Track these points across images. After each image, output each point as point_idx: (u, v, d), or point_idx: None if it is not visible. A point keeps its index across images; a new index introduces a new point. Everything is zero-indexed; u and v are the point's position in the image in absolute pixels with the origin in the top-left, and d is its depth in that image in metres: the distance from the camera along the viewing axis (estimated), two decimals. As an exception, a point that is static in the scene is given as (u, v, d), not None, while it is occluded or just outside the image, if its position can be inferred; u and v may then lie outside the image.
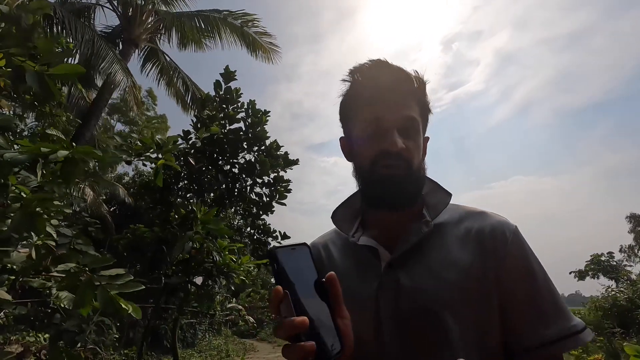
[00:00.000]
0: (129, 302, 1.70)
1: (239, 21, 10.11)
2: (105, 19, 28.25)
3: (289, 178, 5.77)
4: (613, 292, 11.60)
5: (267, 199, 5.45)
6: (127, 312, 1.66)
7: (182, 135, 5.13)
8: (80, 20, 8.14)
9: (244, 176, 5.28)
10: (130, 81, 7.57)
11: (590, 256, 24.91)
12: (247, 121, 5.65)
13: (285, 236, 5.52)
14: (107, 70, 6.94)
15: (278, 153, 5.55)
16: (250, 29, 10.18)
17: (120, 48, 9.90)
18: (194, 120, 5.51)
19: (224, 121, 5.39)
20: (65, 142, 1.78)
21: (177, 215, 4.76)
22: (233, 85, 6.15)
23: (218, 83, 5.81)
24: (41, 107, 7.56)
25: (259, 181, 5.39)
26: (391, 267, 0.68)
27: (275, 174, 5.57)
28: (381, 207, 0.73)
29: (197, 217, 4.31)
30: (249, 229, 5.45)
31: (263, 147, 5.51)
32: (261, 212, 5.40)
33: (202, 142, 5.07)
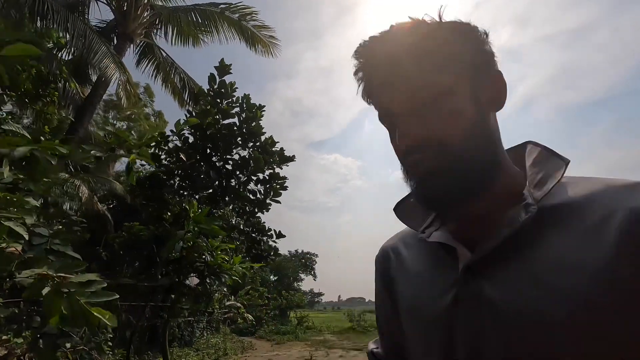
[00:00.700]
0: (104, 310, 1.59)
1: (237, 15, 9.91)
2: (100, 13, 27.99)
3: (286, 175, 5.64)
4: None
5: (262, 196, 5.31)
6: (98, 321, 1.54)
7: (174, 131, 4.99)
8: (74, 15, 7.97)
9: (237, 173, 5.14)
10: (122, 75, 7.39)
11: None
12: (242, 116, 5.49)
13: (280, 235, 5.38)
14: (100, 64, 6.78)
15: (273, 149, 5.39)
16: (248, 23, 9.98)
17: (115, 43, 9.75)
18: (187, 116, 5.37)
19: (218, 116, 5.23)
20: (26, 138, 1.65)
21: (169, 213, 4.65)
22: (229, 79, 6.01)
23: (212, 77, 5.63)
24: (33, 105, 7.43)
25: (254, 178, 5.25)
26: (472, 273, 0.48)
27: (271, 171, 5.43)
28: (439, 210, 0.56)
29: (189, 216, 4.20)
30: (242, 226, 5.32)
31: (258, 143, 5.36)
32: (256, 210, 5.27)
33: (194, 137, 4.94)
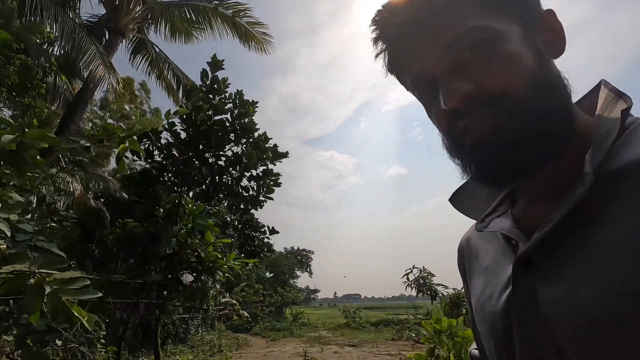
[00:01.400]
0: (83, 310, 1.56)
1: (231, 10, 9.84)
2: (92, 8, 27.64)
3: (282, 172, 5.59)
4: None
5: (255, 192, 5.27)
6: (79, 321, 1.51)
7: (167, 127, 4.94)
8: (64, 10, 7.84)
9: (230, 169, 5.09)
10: (112, 77, 7.27)
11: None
12: (234, 112, 5.43)
13: (273, 231, 5.36)
14: (89, 65, 6.69)
15: (267, 145, 5.35)
16: (242, 19, 9.92)
17: (107, 38, 9.62)
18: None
19: (210, 111, 5.17)
20: (12, 126, 1.59)
21: (161, 209, 4.61)
22: (222, 75, 5.94)
23: (204, 72, 5.57)
24: (20, 98, 7.31)
25: (247, 174, 5.20)
26: (526, 267, 0.41)
27: (264, 167, 5.39)
28: (500, 186, 0.50)
29: (184, 212, 4.17)
30: (235, 223, 5.27)
31: (251, 139, 5.31)
32: (249, 207, 5.23)
33: (187, 133, 4.89)
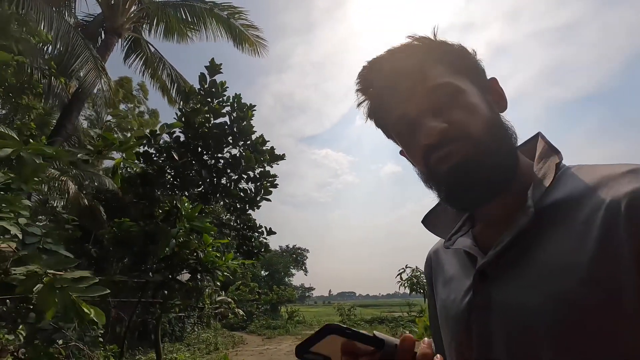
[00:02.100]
0: (93, 306, 1.66)
1: (226, 12, 9.92)
2: (87, 7, 27.43)
3: (276, 173, 5.64)
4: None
5: (252, 194, 5.35)
6: (89, 316, 1.61)
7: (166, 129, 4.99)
8: (58, 10, 7.85)
9: (228, 171, 5.18)
10: (104, 82, 7.31)
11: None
12: (232, 115, 5.51)
13: (270, 232, 5.45)
14: (81, 70, 6.76)
15: (264, 148, 5.43)
16: (237, 21, 10.00)
17: (102, 38, 9.64)
18: (178, 114, 5.38)
19: (209, 115, 5.26)
20: (14, 140, 1.69)
21: (160, 210, 4.69)
22: (220, 78, 6.03)
23: (203, 76, 5.66)
24: (16, 98, 7.32)
25: (245, 176, 5.29)
26: (484, 278, 0.52)
27: (261, 169, 5.47)
28: (465, 208, 0.60)
29: (182, 214, 4.25)
30: (232, 223, 5.36)
31: (249, 142, 5.40)
32: (247, 208, 5.32)
33: (186, 136, 4.97)
